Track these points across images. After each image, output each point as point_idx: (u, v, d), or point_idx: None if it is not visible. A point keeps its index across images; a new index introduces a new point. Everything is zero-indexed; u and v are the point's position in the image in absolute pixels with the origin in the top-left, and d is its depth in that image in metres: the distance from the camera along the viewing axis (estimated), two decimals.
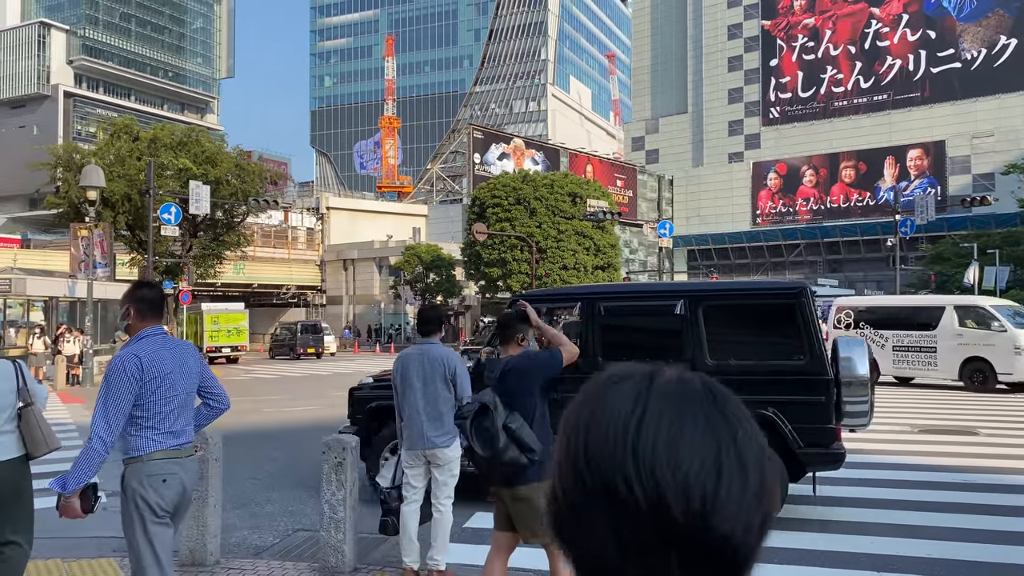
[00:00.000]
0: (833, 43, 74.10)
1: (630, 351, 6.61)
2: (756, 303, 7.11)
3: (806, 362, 6.45)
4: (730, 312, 7.04)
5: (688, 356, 6.60)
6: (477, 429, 3.81)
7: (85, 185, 20.44)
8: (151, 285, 3.87)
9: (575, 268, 40.72)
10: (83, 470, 3.38)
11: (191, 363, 3.74)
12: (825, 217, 72.73)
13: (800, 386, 6.42)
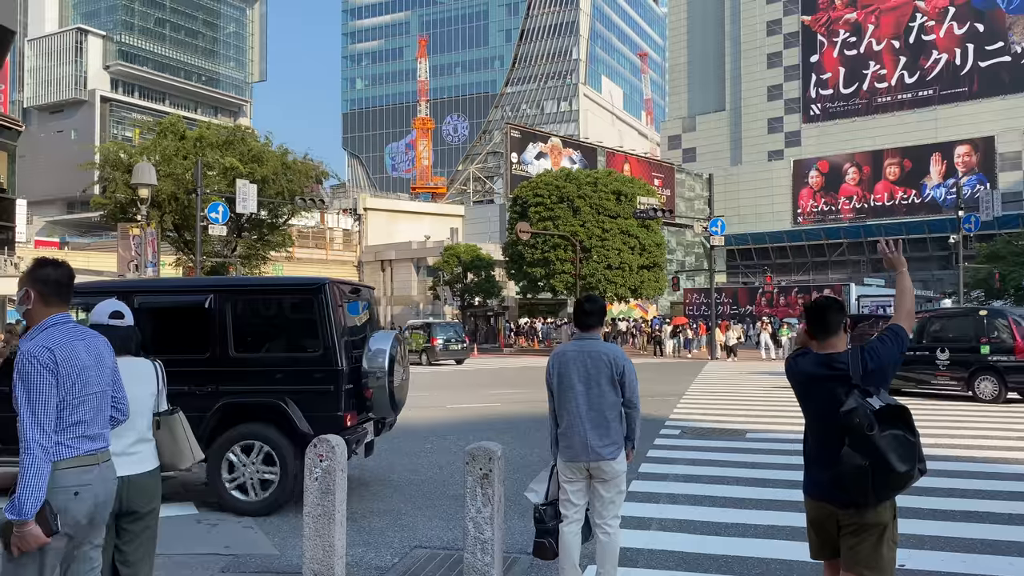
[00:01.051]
0: (876, 38, 72.45)
1: (163, 345, 6.15)
2: (279, 298, 7.50)
3: (320, 354, 6.84)
4: (255, 306, 7.38)
5: (214, 349, 6.93)
6: (894, 440, 2.96)
7: (136, 183, 20.11)
8: (56, 264, 3.20)
9: (620, 267, 39.92)
10: (34, 487, 2.76)
11: (107, 356, 3.20)
12: (869, 216, 71.11)
13: (313, 376, 6.79)
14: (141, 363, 3.76)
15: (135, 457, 3.59)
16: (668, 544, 5.75)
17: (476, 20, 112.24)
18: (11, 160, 29.05)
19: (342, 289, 7.43)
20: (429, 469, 8.75)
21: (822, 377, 3.24)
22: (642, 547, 5.63)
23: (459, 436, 10.98)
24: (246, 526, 6.42)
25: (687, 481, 7.80)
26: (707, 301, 58.95)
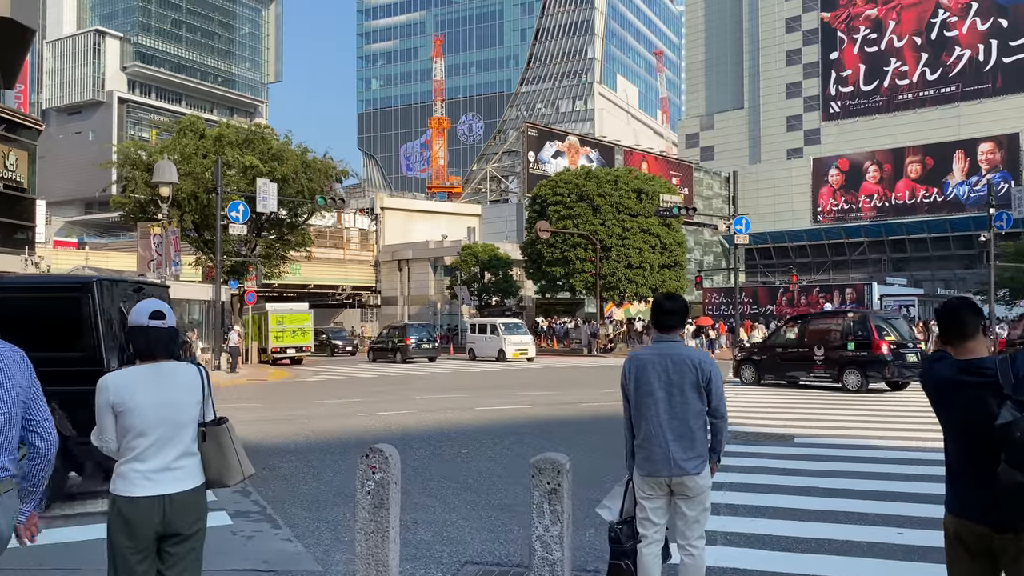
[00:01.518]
0: (897, 34, 71.51)
1: None
2: (47, 296, 7.40)
3: (85, 354, 6.81)
4: (24, 305, 7.24)
5: None
6: None
7: (157, 181, 19.87)
8: None
9: (641, 266, 39.44)
10: None
11: (18, 372, 2.83)
12: (890, 214, 70.16)
13: (78, 377, 6.46)
14: (184, 368, 3.40)
15: (179, 473, 3.24)
16: (739, 561, 5.34)
17: (491, 19, 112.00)
18: (31, 160, 28.93)
19: (120, 287, 7.33)
20: (469, 475, 8.38)
21: (965, 384, 2.83)
22: (712, 564, 5.22)
23: (494, 440, 10.60)
24: (285, 538, 6.07)
25: (745, 491, 7.38)
26: (727, 300, 58.32)
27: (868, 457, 8.97)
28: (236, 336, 26.10)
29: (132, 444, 3.20)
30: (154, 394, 3.24)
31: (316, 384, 21.80)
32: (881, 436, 10.49)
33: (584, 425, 12.20)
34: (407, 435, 11.17)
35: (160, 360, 3.32)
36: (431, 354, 32.41)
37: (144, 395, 3.22)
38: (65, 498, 7.30)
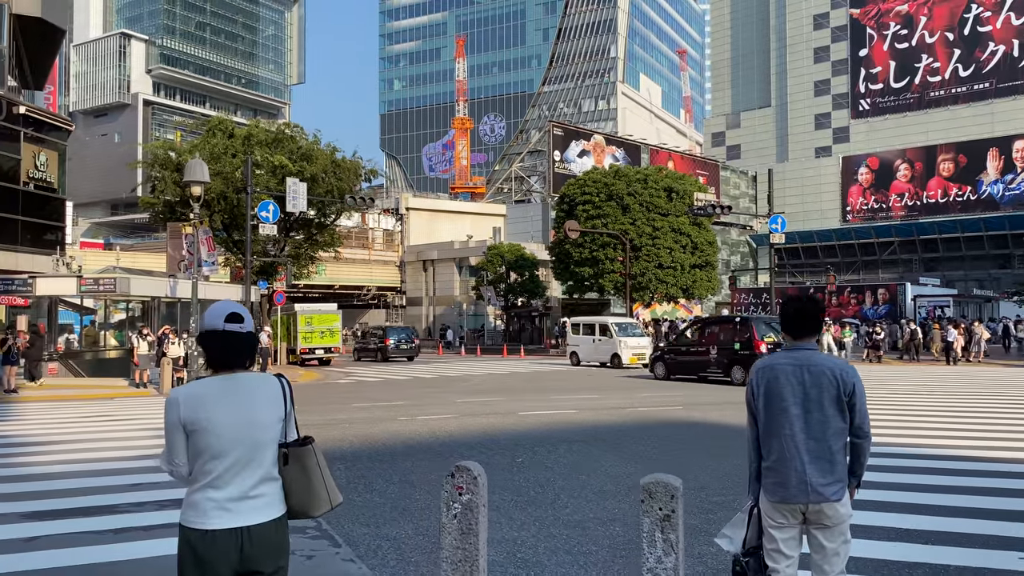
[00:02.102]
0: (929, 30, 70.25)
1: None
2: None
3: None
4: None
5: None
6: None
7: (189, 180, 19.59)
8: None
9: (672, 266, 38.79)
10: None
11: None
12: (921, 213, 68.92)
13: None
14: (265, 380, 2.95)
15: (259, 502, 2.79)
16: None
17: (513, 19, 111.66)
18: (61, 160, 28.87)
19: None
20: (528, 487, 7.91)
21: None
22: None
23: (547, 448, 10.12)
24: (347, 559, 5.64)
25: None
26: (756, 301, 57.53)
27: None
28: (266, 337, 25.83)
29: (206, 468, 2.76)
30: (232, 410, 2.79)
31: (349, 386, 21.44)
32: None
33: (635, 432, 11.70)
34: (454, 441, 10.74)
35: (236, 370, 2.89)
36: (409, 354, 34.94)
37: (220, 411, 2.77)
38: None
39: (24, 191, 26.82)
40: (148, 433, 11.88)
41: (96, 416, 14.20)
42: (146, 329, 21.16)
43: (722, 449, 10.05)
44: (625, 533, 6.17)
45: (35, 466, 9.16)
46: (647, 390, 18.91)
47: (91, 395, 18.31)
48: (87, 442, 11.01)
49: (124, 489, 7.82)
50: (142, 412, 15.02)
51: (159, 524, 6.46)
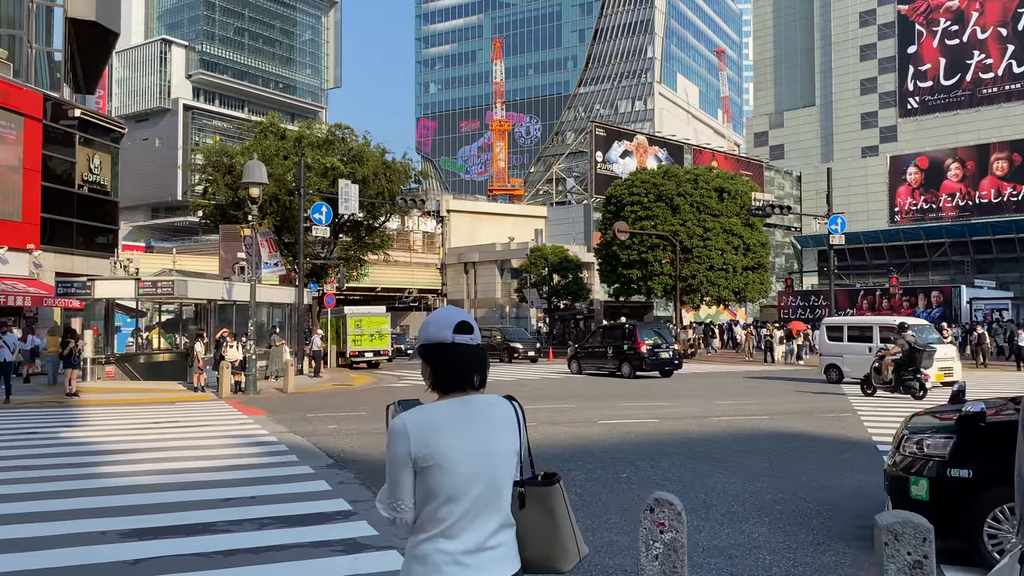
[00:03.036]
0: (980, 26, 68.36)
1: None
2: None
3: None
4: None
5: None
6: None
7: (247, 182, 19.34)
8: None
9: (723, 268, 37.92)
10: None
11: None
12: (973, 214, 67.01)
13: None
14: (497, 403, 2.42)
15: (497, 553, 2.27)
16: None
17: (549, 21, 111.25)
18: (114, 163, 28.96)
19: None
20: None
21: None
22: None
23: (648, 462, 9.54)
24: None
25: None
26: (804, 304, 56.30)
27: None
28: (319, 340, 25.57)
29: (438, 514, 2.22)
30: (468, 441, 2.26)
31: (410, 390, 21.03)
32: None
33: (732, 443, 11.07)
34: (545, 453, 10.19)
35: (469, 391, 2.36)
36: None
37: (456, 443, 2.25)
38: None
39: (79, 194, 26.95)
40: (226, 442, 11.52)
41: (167, 422, 13.91)
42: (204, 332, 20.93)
43: (833, 464, 9.40)
44: (778, 563, 5.59)
45: (121, 477, 8.81)
46: (718, 396, 18.21)
47: (151, 399, 18.11)
48: (167, 451, 10.67)
49: (217, 504, 7.41)
50: (210, 418, 14.73)
51: (266, 546, 6.02)
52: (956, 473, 5.33)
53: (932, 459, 5.49)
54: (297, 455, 10.13)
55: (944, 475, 5.38)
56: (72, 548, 5.95)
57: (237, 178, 25.62)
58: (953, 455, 5.41)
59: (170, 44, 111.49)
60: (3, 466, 9.38)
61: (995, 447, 5.33)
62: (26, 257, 24.08)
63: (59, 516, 6.88)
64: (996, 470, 5.16)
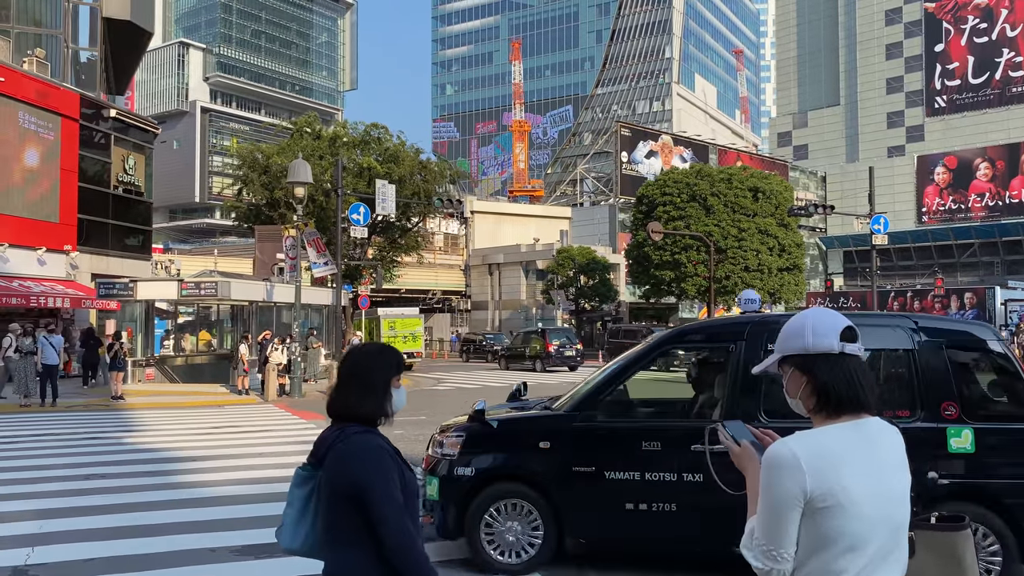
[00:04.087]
0: (1010, 23, 67.41)
1: None
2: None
3: None
4: None
5: None
6: None
7: (293, 181, 18.96)
8: None
9: (758, 269, 37.31)
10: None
11: None
12: (1004, 214, 66.02)
13: None
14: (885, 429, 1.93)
15: None
16: None
17: (566, 22, 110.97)
18: (148, 163, 28.71)
19: None
20: None
21: None
22: None
23: None
24: None
25: None
26: (832, 306, 55.56)
27: None
28: (357, 342, 25.14)
29: (835, 566, 1.74)
30: (871, 477, 1.78)
31: (454, 393, 20.58)
32: None
33: None
34: None
35: (863, 415, 1.88)
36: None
37: (859, 479, 1.76)
38: None
39: (114, 195, 26.69)
40: (296, 448, 11.10)
41: (226, 427, 13.53)
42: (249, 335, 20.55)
43: None
44: None
45: (205, 487, 8.39)
46: None
47: (197, 402, 17.74)
48: (239, 457, 10.25)
49: None
50: (266, 422, 14.36)
51: None
52: (461, 471, 5.47)
53: (445, 458, 5.60)
54: None
55: (451, 473, 5.50)
56: (188, 567, 5.52)
57: (272, 178, 25.28)
58: (460, 453, 5.53)
59: (188, 47, 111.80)
60: (76, 473, 8.98)
61: (497, 445, 5.55)
62: (63, 258, 23.81)
63: (159, 531, 6.46)
64: (495, 467, 5.47)
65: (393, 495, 2.18)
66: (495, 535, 5.38)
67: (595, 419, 5.40)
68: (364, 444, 2.22)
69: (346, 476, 2.19)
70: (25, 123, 22.62)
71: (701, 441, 5.03)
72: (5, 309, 20.88)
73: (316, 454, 2.33)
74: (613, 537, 5.34)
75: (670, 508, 5.13)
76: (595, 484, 5.21)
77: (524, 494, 5.34)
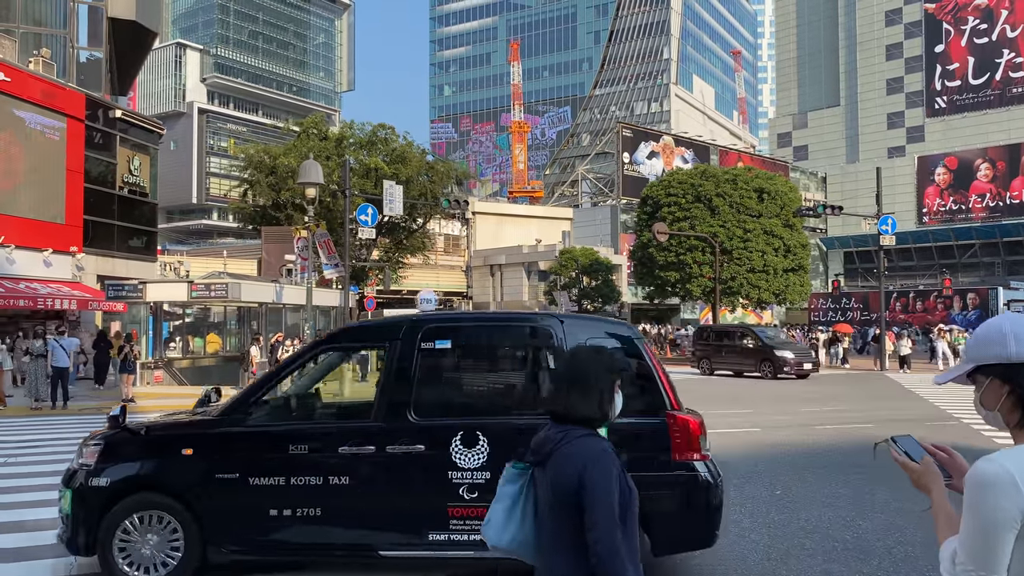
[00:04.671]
0: (1011, 24, 67.49)
1: None
2: None
3: None
4: None
5: None
6: None
7: (304, 182, 18.79)
8: None
9: (764, 270, 37.20)
10: None
11: None
12: (1004, 214, 66.06)
13: None
14: None
15: None
16: None
17: (564, 23, 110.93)
18: (153, 164, 28.50)
19: None
20: (846, 532, 6.69)
21: None
22: None
23: (794, 477, 8.90)
24: None
25: None
26: (834, 307, 55.50)
27: None
28: None
29: None
30: None
31: None
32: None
33: (859, 453, 10.41)
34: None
35: None
36: None
37: None
38: None
39: (119, 195, 26.48)
40: None
41: None
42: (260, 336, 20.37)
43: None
44: None
45: None
46: (795, 403, 17.54)
47: None
48: None
49: None
50: None
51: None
52: (96, 482, 5.16)
53: (83, 468, 5.28)
54: None
55: (86, 485, 5.18)
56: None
57: (279, 179, 25.09)
58: (97, 463, 5.23)
59: (185, 48, 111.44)
60: None
61: (138, 453, 5.27)
62: (69, 260, 23.60)
63: None
64: (133, 477, 5.17)
65: (609, 502, 2.12)
66: (131, 550, 5.09)
67: (243, 423, 5.21)
68: (592, 447, 2.19)
69: (571, 478, 2.16)
70: (31, 123, 22.41)
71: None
72: (12, 311, 20.66)
73: (537, 453, 2.28)
74: (258, 546, 5.12)
75: (315, 513, 4.97)
76: (238, 491, 5.02)
77: (164, 505, 5.09)
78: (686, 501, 4.94)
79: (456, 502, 4.91)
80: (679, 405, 5.08)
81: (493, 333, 5.74)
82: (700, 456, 4.99)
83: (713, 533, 5.04)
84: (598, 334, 5.25)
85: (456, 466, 4.93)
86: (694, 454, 4.96)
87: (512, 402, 5.41)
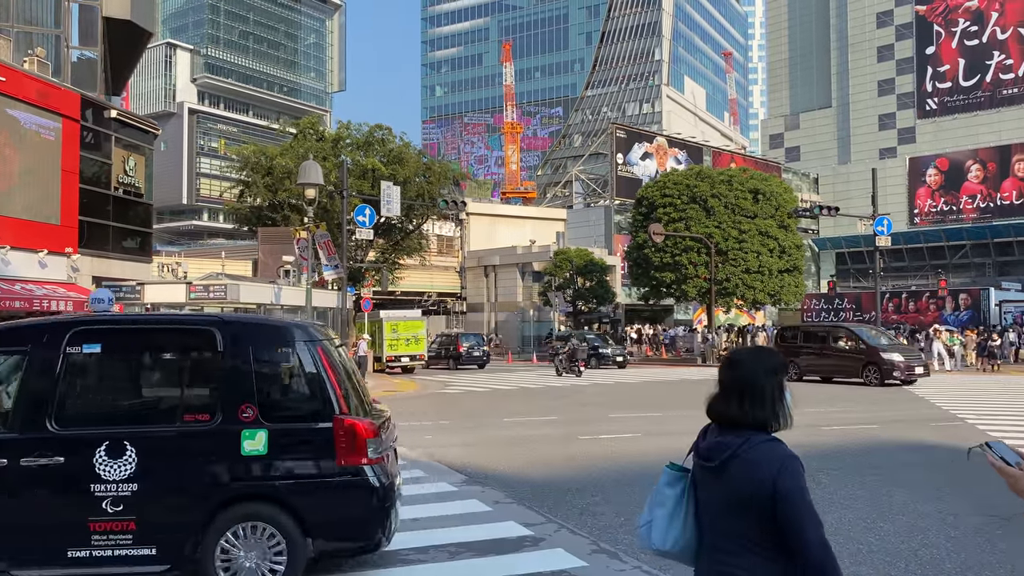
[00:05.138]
0: (1001, 26, 67.90)
1: None
2: None
3: None
4: None
5: None
6: None
7: (304, 183, 18.69)
8: None
9: (759, 271, 37.28)
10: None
11: None
12: (995, 215, 66.45)
13: None
14: None
15: None
16: None
17: (556, 24, 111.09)
18: (148, 164, 28.31)
19: None
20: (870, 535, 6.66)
21: None
22: None
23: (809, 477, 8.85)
24: None
25: None
26: (827, 307, 55.66)
27: None
28: (365, 345, 24.89)
29: None
30: None
31: (468, 396, 20.34)
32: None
33: (871, 454, 10.41)
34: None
35: None
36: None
37: None
38: None
39: (115, 196, 26.27)
40: None
41: None
42: None
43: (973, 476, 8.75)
44: None
45: None
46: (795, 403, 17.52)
47: None
48: None
49: None
50: None
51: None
52: None
53: None
54: (421, 470, 9.44)
55: None
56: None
57: (276, 180, 24.97)
58: None
59: (175, 48, 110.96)
60: None
61: None
62: (64, 261, 23.37)
63: None
64: None
65: (808, 501, 2.15)
66: None
67: None
68: (780, 452, 2.22)
69: (764, 483, 2.17)
70: (26, 123, 22.19)
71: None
72: (8, 312, 20.45)
73: (711, 459, 2.29)
74: None
75: None
76: None
77: None
78: (350, 504, 4.92)
79: (99, 516, 4.71)
80: (348, 409, 5.03)
81: (150, 337, 5.51)
82: (368, 460, 4.96)
83: (379, 535, 5.03)
84: (263, 337, 5.21)
85: (100, 478, 4.74)
86: (362, 458, 4.94)
87: (168, 409, 5.23)
